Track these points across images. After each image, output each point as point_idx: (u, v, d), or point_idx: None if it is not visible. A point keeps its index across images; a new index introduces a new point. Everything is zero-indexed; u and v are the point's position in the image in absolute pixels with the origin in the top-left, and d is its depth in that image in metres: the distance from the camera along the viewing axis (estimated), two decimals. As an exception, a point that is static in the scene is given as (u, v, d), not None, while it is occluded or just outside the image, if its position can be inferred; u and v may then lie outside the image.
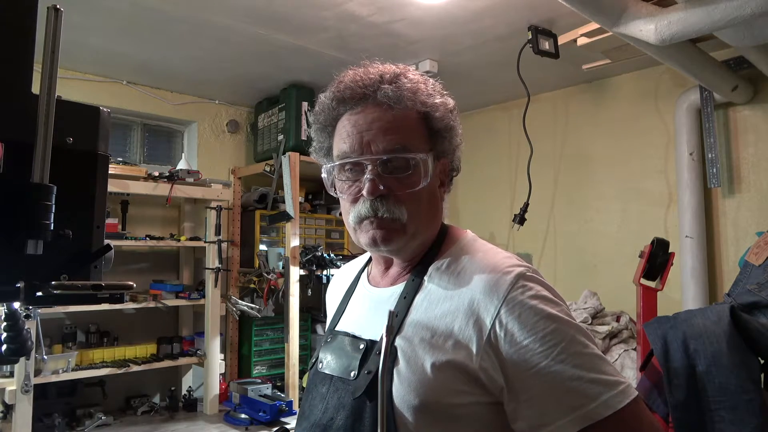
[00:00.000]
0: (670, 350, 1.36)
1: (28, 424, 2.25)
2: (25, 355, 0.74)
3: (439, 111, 0.90)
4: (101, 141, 0.71)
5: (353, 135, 0.87)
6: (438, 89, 0.93)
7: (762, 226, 2.42)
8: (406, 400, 0.78)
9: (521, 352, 0.76)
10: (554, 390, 0.74)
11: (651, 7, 1.81)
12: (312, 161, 2.94)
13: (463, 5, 2.15)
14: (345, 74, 0.92)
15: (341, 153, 0.89)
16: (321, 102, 0.93)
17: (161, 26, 2.32)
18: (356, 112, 0.89)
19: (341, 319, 1.00)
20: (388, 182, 0.86)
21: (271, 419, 2.58)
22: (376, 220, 0.86)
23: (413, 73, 0.92)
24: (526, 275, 0.82)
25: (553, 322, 0.77)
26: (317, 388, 0.92)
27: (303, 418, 0.93)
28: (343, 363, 0.89)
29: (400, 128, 0.87)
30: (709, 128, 2.51)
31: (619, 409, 0.73)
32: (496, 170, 3.42)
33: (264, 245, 3.14)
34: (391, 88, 0.87)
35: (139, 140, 3.22)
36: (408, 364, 0.81)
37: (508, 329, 0.77)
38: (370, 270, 1.03)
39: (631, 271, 2.01)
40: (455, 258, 0.89)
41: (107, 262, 0.70)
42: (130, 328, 2.93)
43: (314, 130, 0.95)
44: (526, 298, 0.79)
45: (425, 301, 0.86)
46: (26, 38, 0.64)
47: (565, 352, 0.75)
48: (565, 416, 0.73)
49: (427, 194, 0.90)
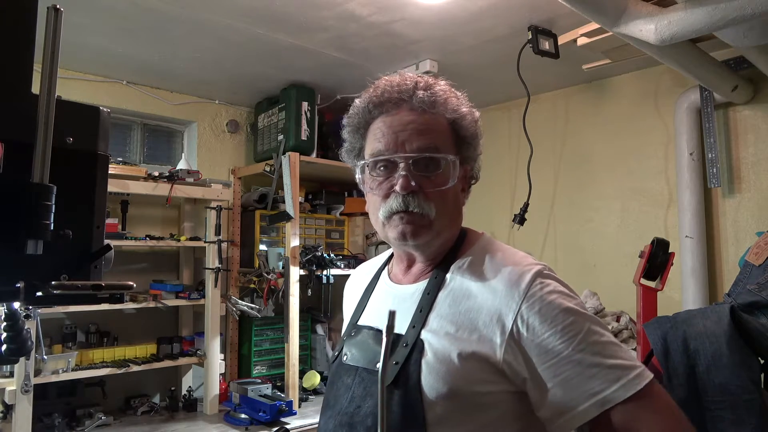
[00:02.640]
0: (670, 350, 1.36)
1: (28, 424, 2.25)
2: (25, 355, 0.74)
3: (466, 120, 0.98)
4: (101, 141, 0.71)
5: (388, 135, 0.94)
6: (465, 100, 1.01)
7: (762, 226, 2.42)
8: (435, 387, 0.83)
9: (543, 344, 0.81)
10: (576, 377, 0.79)
11: (651, 7, 1.81)
12: (312, 161, 3.00)
13: (463, 5, 2.15)
14: (380, 81, 1.00)
15: (376, 151, 0.95)
16: (355, 106, 1.01)
17: (161, 26, 2.32)
18: (391, 115, 0.96)
19: (363, 314, 1.05)
20: (419, 180, 0.92)
21: (271, 419, 2.58)
22: (406, 216, 0.92)
23: (444, 83, 1.00)
24: (543, 273, 0.88)
25: (570, 314, 0.83)
26: (342, 379, 0.96)
27: (327, 407, 0.97)
28: (368, 355, 0.94)
29: (433, 131, 0.94)
30: (709, 128, 2.51)
31: (638, 391, 0.78)
32: (496, 170, 3.42)
33: (264, 245, 3.14)
34: (426, 94, 0.95)
35: (139, 140, 3.22)
36: (436, 355, 0.86)
37: (529, 323, 0.82)
38: (391, 268, 1.08)
39: (631, 271, 2.01)
40: (476, 257, 0.95)
41: (107, 262, 0.70)
42: (130, 328, 2.93)
43: (347, 132, 1.03)
44: (544, 293, 0.84)
45: (449, 298, 0.91)
46: (26, 38, 0.64)
47: (584, 341, 0.81)
48: (588, 401, 0.78)
49: (453, 195, 0.98)
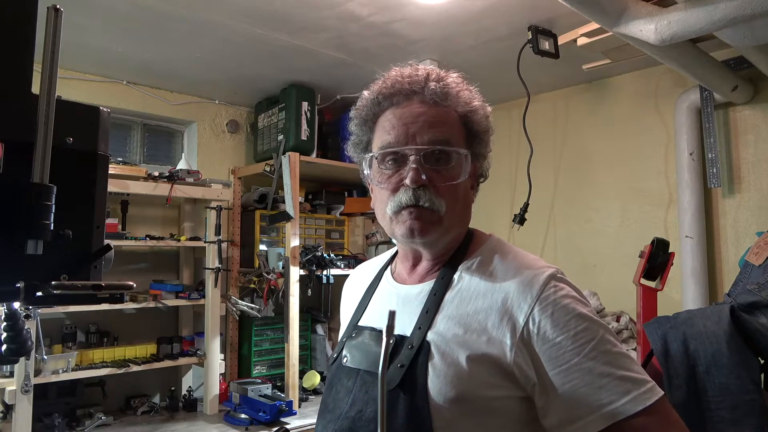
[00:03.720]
0: (670, 350, 1.36)
1: (28, 424, 2.25)
2: (25, 355, 0.74)
3: (478, 114, 0.94)
4: (101, 141, 0.71)
5: (398, 127, 0.90)
6: (478, 94, 0.97)
7: (762, 226, 2.42)
8: (443, 392, 0.80)
9: (553, 349, 0.78)
10: (584, 386, 0.76)
11: (651, 7, 1.81)
12: (312, 161, 2.99)
13: (463, 5, 2.15)
14: (390, 72, 0.96)
15: (385, 143, 0.91)
16: (364, 98, 0.96)
17: (161, 26, 2.32)
18: (402, 107, 0.91)
19: (364, 315, 1.01)
20: (429, 173, 0.88)
21: (271, 419, 2.58)
22: (415, 210, 0.88)
23: (456, 76, 0.96)
24: (556, 276, 0.85)
25: (584, 320, 0.80)
26: (342, 382, 0.92)
27: (327, 411, 0.93)
28: (370, 357, 0.90)
29: (445, 123, 0.90)
30: (709, 128, 2.51)
31: (647, 407, 0.74)
32: (496, 170, 3.37)
33: (264, 245, 3.14)
34: (438, 86, 0.91)
35: (139, 140, 3.22)
36: (443, 358, 0.82)
37: (541, 326, 0.79)
38: (394, 267, 1.04)
39: (631, 271, 2.01)
40: (486, 258, 0.92)
41: (107, 262, 0.70)
42: (130, 328, 2.93)
43: (354, 125, 0.98)
44: (558, 297, 0.81)
45: (456, 299, 0.88)
46: (26, 38, 0.64)
47: (596, 349, 0.77)
48: (595, 412, 0.75)
49: (463, 191, 0.93)
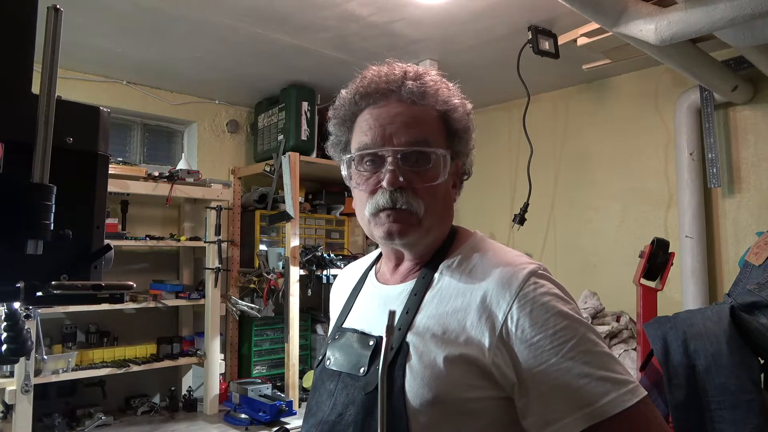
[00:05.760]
0: (670, 350, 1.35)
1: (28, 424, 2.25)
2: (25, 355, 0.74)
3: (458, 112, 0.92)
4: (101, 141, 0.71)
5: (375, 128, 0.88)
6: (457, 91, 0.94)
7: (762, 226, 2.42)
8: (420, 394, 0.78)
9: (532, 349, 0.76)
10: (563, 387, 0.74)
11: (651, 7, 1.81)
12: (312, 161, 2.99)
13: (463, 5, 2.15)
14: (367, 71, 0.93)
15: (362, 145, 0.89)
16: (342, 97, 0.94)
17: (161, 26, 2.32)
18: (379, 107, 0.89)
19: (348, 317, 1.00)
20: (408, 175, 0.87)
21: (271, 419, 2.58)
22: (393, 213, 0.86)
23: (435, 73, 0.93)
24: (538, 273, 0.82)
25: (564, 319, 0.78)
26: (324, 385, 0.91)
27: (310, 415, 0.92)
28: (352, 359, 0.89)
29: (422, 123, 0.88)
30: (709, 128, 2.51)
31: (627, 408, 0.72)
32: (496, 170, 3.42)
33: (264, 245, 3.14)
34: (416, 84, 0.88)
35: (139, 140, 3.22)
36: (420, 360, 0.81)
37: (519, 325, 0.78)
38: (379, 268, 1.03)
39: (631, 271, 2.01)
40: (466, 256, 0.90)
41: (107, 262, 0.70)
42: (130, 328, 2.93)
43: (333, 125, 0.96)
44: (538, 294, 0.79)
45: (436, 298, 0.86)
46: (26, 38, 0.64)
47: (575, 349, 0.76)
48: (573, 414, 0.73)
49: (443, 192, 0.91)
